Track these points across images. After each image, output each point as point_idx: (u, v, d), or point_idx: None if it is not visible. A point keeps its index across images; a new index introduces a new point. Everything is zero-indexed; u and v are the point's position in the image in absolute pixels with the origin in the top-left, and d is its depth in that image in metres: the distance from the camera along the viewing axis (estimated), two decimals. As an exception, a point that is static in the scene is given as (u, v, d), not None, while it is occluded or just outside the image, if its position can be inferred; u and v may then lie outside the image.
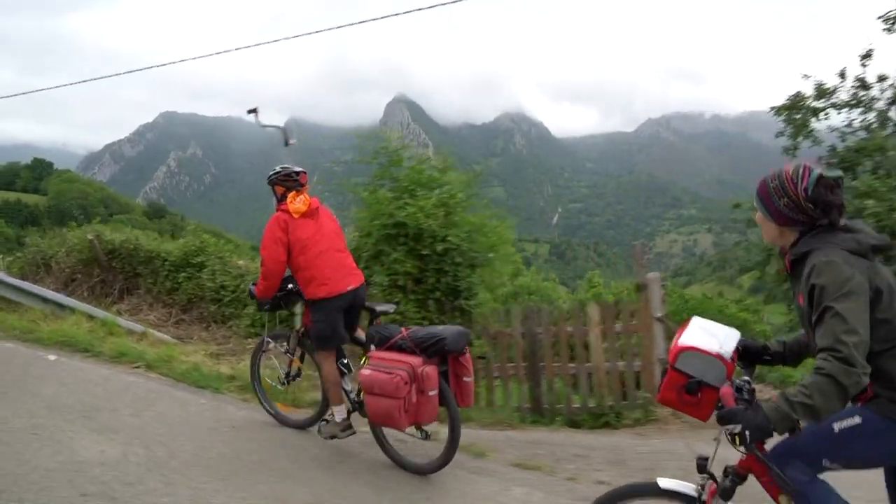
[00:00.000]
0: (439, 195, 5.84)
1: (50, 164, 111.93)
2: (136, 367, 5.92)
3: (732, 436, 1.87)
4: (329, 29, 6.90)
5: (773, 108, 10.55)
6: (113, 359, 6.16)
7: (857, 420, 1.94)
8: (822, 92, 10.05)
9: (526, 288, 23.26)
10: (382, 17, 6.30)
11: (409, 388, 3.36)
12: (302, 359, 4.50)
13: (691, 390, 2.00)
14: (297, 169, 4.26)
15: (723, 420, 1.89)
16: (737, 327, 2.28)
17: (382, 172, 6.29)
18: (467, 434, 3.91)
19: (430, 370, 3.46)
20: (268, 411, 4.67)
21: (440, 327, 3.75)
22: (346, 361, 4.23)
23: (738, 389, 2.00)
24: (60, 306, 7.80)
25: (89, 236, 8.87)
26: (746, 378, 2.08)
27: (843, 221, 1.98)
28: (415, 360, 3.45)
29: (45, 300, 7.93)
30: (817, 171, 1.95)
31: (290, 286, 4.29)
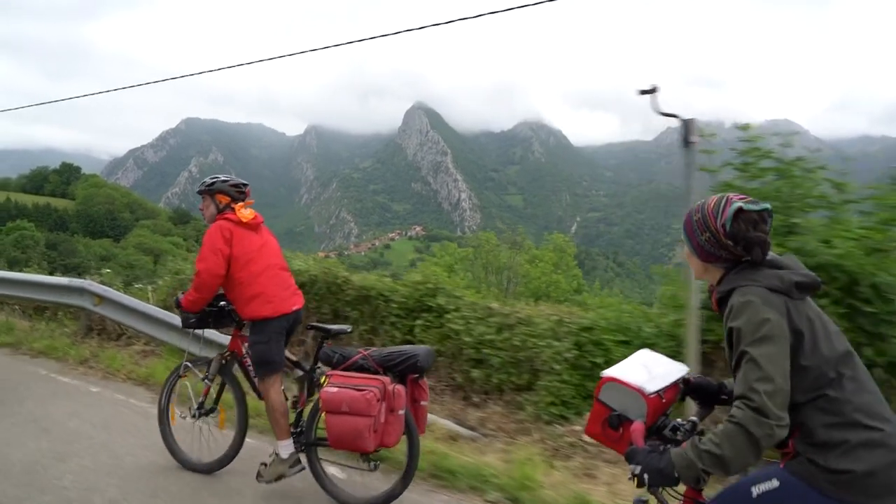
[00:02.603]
0: (865, 222, 4.23)
1: (77, 169, 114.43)
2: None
3: (633, 476, 1.78)
4: (349, 42, 6.72)
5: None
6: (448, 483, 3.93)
7: (775, 483, 1.73)
8: None
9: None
10: (403, 31, 6.20)
11: (380, 406, 3.19)
12: (220, 390, 4.00)
13: (612, 424, 1.93)
14: (236, 179, 4.01)
15: (626, 458, 1.81)
16: None
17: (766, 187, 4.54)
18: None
19: (400, 388, 3.32)
20: (168, 450, 4.09)
21: (409, 347, 3.56)
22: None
23: (674, 429, 1.91)
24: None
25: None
26: (693, 418, 2.00)
27: (769, 257, 1.82)
28: (384, 378, 3.30)
29: None
30: (736, 204, 1.79)
31: (222, 303, 3.94)
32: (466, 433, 4.85)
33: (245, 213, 3.81)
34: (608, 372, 2.01)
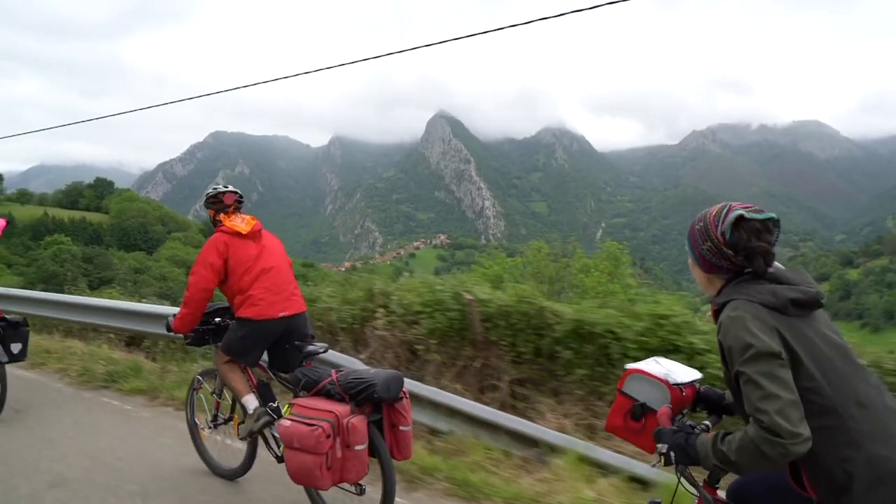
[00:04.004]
0: None
1: (111, 184, 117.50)
2: None
3: (661, 455, 1.82)
4: (375, 57, 6.84)
5: None
6: None
7: None
8: None
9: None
10: (426, 46, 6.30)
11: (331, 443, 2.90)
12: (233, 404, 3.98)
13: (636, 415, 1.96)
14: (223, 189, 3.92)
15: (655, 437, 1.84)
16: None
17: None
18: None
19: (358, 421, 2.97)
20: (201, 458, 4.19)
21: (371, 371, 3.28)
22: (275, 406, 3.72)
23: (692, 426, 1.90)
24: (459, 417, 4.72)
25: (466, 296, 5.29)
26: (706, 422, 2.01)
27: (773, 270, 1.74)
28: (340, 409, 2.98)
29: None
30: (738, 212, 1.72)
31: (217, 320, 3.92)
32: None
33: (237, 224, 3.74)
34: (631, 365, 2.07)
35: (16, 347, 5.11)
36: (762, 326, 1.62)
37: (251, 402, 3.68)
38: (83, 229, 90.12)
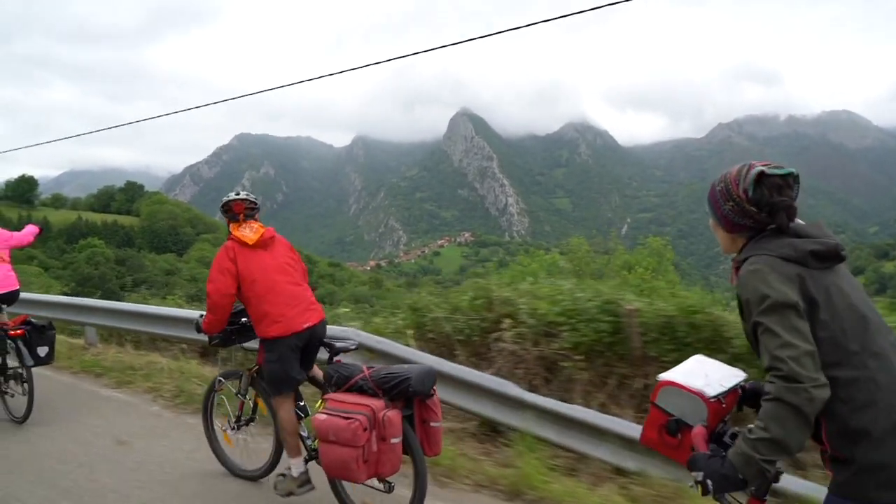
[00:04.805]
0: None
1: (141, 187, 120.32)
2: None
3: (696, 484, 1.69)
4: (400, 57, 6.83)
5: None
6: None
7: None
8: None
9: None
10: (451, 45, 6.30)
11: (368, 436, 2.96)
12: (255, 403, 4.00)
13: (671, 430, 1.84)
14: (233, 197, 3.85)
15: (688, 465, 1.73)
16: None
17: None
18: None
19: (393, 415, 3.04)
20: (218, 459, 4.20)
21: (404, 366, 3.32)
22: (302, 404, 3.80)
23: (733, 436, 1.79)
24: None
25: (626, 306, 4.66)
26: (752, 426, 1.90)
27: (794, 225, 1.76)
28: (376, 404, 3.04)
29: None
30: (758, 168, 1.74)
31: (243, 319, 3.91)
32: None
33: (245, 234, 3.71)
34: (665, 376, 1.94)
35: (42, 351, 5.19)
36: (780, 278, 1.65)
37: (299, 466, 3.65)
38: (115, 232, 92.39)
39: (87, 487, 4.03)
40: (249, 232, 3.71)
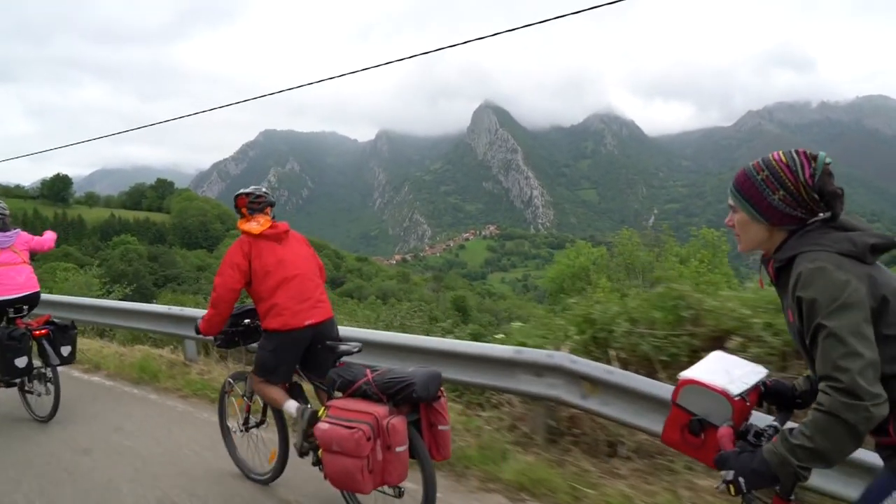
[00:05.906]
0: None
1: (171, 184, 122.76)
2: None
3: (727, 484, 1.63)
4: (424, 53, 6.77)
5: None
6: None
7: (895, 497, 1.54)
8: None
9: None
10: (473, 40, 6.19)
11: (372, 445, 2.80)
12: (265, 407, 3.94)
13: (693, 430, 1.79)
14: (240, 192, 3.86)
15: (717, 464, 1.67)
16: None
17: None
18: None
19: (398, 422, 2.87)
20: (233, 461, 4.14)
21: (408, 370, 3.14)
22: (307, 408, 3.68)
23: (758, 435, 1.75)
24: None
25: None
26: (774, 423, 1.85)
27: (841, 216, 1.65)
28: (379, 411, 2.87)
29: None
30: (822, 154, 1.63)
31: (246, 321, 3.87)
32: None
33: (251, 226, 3.69)
34: (686, 374, 1.86)
35: (65, 350, 5.22)
36: (849, 276, 1.52)
37: (292, 405, 3.58)
38: (147, 229, 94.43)
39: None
40: (255, 224, 3.69)
